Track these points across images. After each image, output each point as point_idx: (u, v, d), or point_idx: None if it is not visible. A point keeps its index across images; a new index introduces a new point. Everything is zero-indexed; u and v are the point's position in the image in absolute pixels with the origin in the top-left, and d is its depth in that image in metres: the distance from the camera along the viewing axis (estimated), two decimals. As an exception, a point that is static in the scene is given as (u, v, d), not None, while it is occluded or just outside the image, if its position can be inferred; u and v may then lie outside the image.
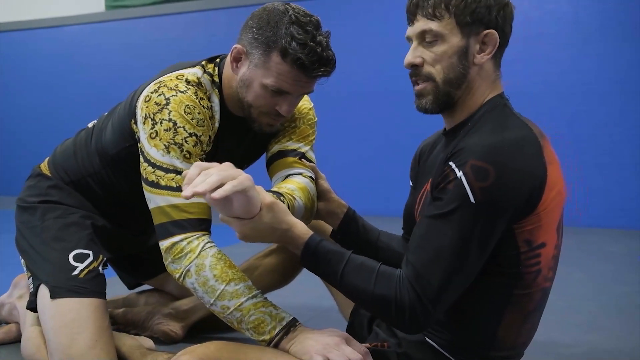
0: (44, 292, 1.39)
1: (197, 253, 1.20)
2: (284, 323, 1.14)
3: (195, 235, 1.23)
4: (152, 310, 1.71)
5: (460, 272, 0.97)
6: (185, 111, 1.29)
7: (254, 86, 1.31)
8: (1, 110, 6.56)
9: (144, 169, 1.30)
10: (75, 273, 1.40)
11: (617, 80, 4.03)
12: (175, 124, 1.28)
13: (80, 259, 1.42)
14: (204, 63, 1.40)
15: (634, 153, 4.00)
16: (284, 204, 1.19)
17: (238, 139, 1.49)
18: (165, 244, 1.24)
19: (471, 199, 0.94)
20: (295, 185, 1.37)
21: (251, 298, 1.16)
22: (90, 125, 1.61)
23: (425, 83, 1.07)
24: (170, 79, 1.33)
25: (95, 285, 1.41)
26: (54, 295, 1.36)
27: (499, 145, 0.96)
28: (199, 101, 1.33)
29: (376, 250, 1.38)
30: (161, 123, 1.28)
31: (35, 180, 1.60)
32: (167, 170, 1.27)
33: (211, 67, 1.40)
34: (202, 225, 1.25)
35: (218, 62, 1.41)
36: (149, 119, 1.29)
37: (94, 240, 1.49)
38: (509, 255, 1.01)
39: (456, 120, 1.11)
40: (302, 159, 1.48)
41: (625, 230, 3.91)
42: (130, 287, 1.88)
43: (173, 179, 1.26)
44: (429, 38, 1.05)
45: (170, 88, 1.31)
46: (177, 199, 1.24)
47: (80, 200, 1.55)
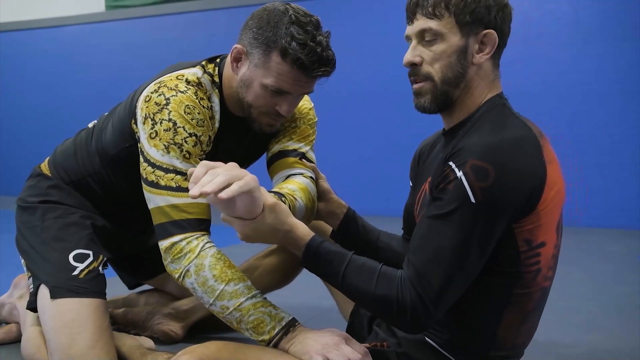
0: (44, 292, 1.39)
1: (197, 253, 1.20)
2: (283, 323, 1.14)
3: (195, 236, 1.23)
4: (152, 310, 1.71)
5: (461, 272, 0.97)
6: (185, 111, 1.29)
7: (254, 86, 1.31)
8: (1, 110, 6.57)
9: (144, 169, 1.30)
10: (76, 273, 1.40)
11: (617, 80, 4.03)
12: (175, 124, 1.28)
13: (80, 259, 1.42)
14: (204, 63, 1.40)
15: (634, 153, 4.00)
16: (285, 204, 1.19)
17: (238, 139, 1.49)
18: (165, 244, 1.24)
19: (471, 199, 0.94)
20: (296, 185, 1.37)
21: (250, 298, 1.16)
22: (90, 125, 1.61)
23: (424, 82, 1.07)
24: (171, 79, 1.33)
25: (95, 286, 1.41)
26: (54, 296, 1.36)
27: (499, 145, 0.96)
28: (199, 101, 1.33)
29: (376, 250, 1.38)
30: (161, 123, 1.28)
31: (36, 180, 1.60)
32: (167, 171, 1.27)
33: (211, 67, 1.40)
34: (202, 225, 1.25)
35: (218, 62, 1.41)
36: (149, 119, 1.29)
37: (94, 240, 1.49)
38: (508, 255, 1.01)
39: (455, 120, 1.11)
40: (303, 159, 1.48)
41: (625, 230, 3.91)
42: (130, 287, 1.88)
43: (173, 179, 1.26)
44: (429, 37, 1.06)
45: (170, 88, 1.31)
46: (177, 199, 1.24)
47: (80, 200, 1.55)
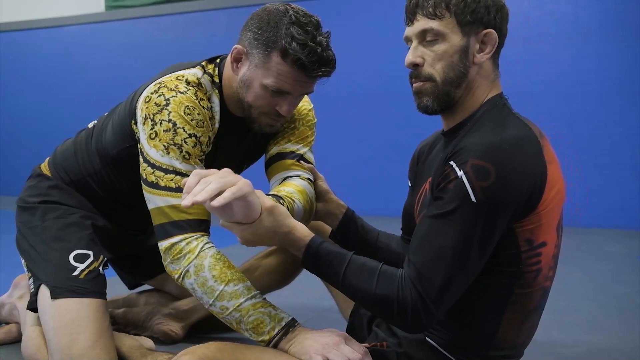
0: (44, 293, 1.39)
1: (196, 254, 1.20)
2: (283, 323, 1.14)
3: (194, 236, 1.23)
4: (152, 310, 1.71)
5: (462, 272, 0.97)
6: (184, 112, 1.29)
7: (254, 86, 1.31)
8: (1, 110, 6.56)
9: (144, 169, 1.30)
10: (76, 273, 1.40)
11: (617, 81, 4.03)
12: (174, 124, 1.28)
13: (80, 259, 1.42)
14: (204, 63, 1.39)
15: (634, 153, 4.00)
16: (284, 207, 1.19)
17: (238, 140, 1.49)
18: (164, 244, 1.24)
19: (472, 198, 0.94)
20: (293, 187, 1.37)
21: (250, 299, 1.16)
22: (90, 125, 1.61)
23: (425, 82, 1.07)
24: (170, 80, 1.33)
25: (95, 286, 1.41)
26: (55, 296, 1.36)
27: (500, 145, 0.96)
28: (199, 102, 1.33)
29: (375, 250, 1.38)
30: (161, 124, 1.28)
31: (36, 181, 1.60)
32: (167, 171, 1.27)
33: (211, 68, 1.39)
34: (201, 225, 1.25)
35: (218, 63, 1.41)
36: (149, 120, 1.29)
37: (94, 240, 1.49)
38: (509, 255, 1.01)
39: (456, 120, 1.11)
40: (300, 161, 1.48)
41: (625, 230, 3.91)
42: (130, 287, 1.88)
43: (172, 180, 1.26)
44: (430, 37, 1.06)
45: (170, 89, 1.31)
46: (176, 200, 1.24)
47: (80, 201, 1.55)
